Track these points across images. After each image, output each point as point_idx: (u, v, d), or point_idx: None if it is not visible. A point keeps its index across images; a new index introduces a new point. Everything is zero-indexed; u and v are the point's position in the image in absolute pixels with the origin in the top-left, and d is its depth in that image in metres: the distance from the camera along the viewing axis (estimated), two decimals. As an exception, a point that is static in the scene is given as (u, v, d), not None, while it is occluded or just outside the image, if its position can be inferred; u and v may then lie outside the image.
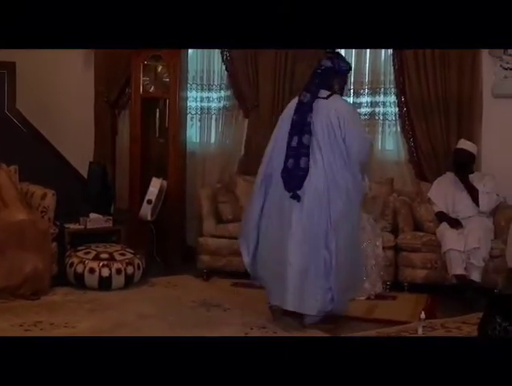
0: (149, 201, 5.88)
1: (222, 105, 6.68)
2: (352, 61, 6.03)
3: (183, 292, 5.35)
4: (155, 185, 5.91)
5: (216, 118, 6.73)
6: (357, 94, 6.29)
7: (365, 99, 6.29)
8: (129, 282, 5.38)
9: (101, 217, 5.89)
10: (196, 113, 6.76)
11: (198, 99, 6.73)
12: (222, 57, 6.48)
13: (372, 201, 5.60)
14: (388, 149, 6.32)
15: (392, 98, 6.21)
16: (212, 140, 6.79)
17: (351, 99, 6.20)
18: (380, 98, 6.27)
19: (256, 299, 4.93)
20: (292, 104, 4.53)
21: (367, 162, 4.70)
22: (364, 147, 4.51)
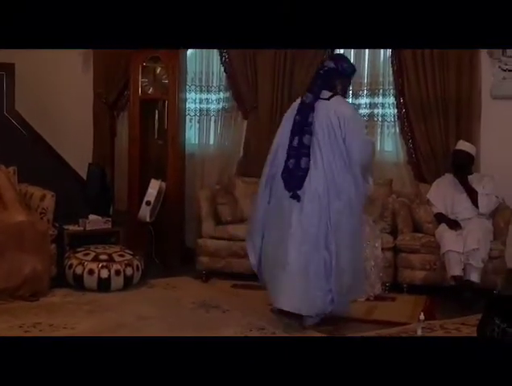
0: (148, 202, 5.87)
1: (221, 107, 6.67)
2: (351, 62, 6.03)
3: (182, 293, 5.34)
4: (154, 186, 5.91)
5: (215, 120, 6.72)
6: (356, 95, 6.28)
7: (364, 100, 6.30)
8: (128, 284, 5.37)
9: (100, 218, 5.88)
10: (195, 115, 6.75)
11: (197, 100, 6.73)
12: (221, 58, 6.47)
13: (371, 202, 5.59)
14: (387, 150, 6.33)
15: (391, 99, 6.21)
16: (211, 141, 6.78)
17: (350, 100, 6.19)
18: (379, 99, 6.28)
19: (255, 300, 4.93)
20: (296, 104, 4.53)
21: (370, 164, 4.65)
22: (365, 148, 4.49)
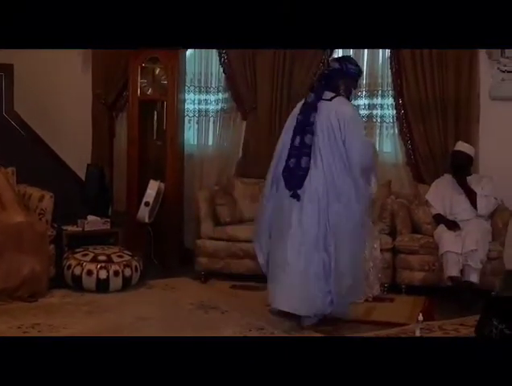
0: (146, 203, 5.87)
1: (220, 108, 6.66)
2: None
3: (180, 294, 5.34)
4: (153, 187, 5.90)
5: (213, 120, 6.71)
6: (355, 96, 6.25)
7: (363, 101, 6.30)
8: (126, 284, 5.36)
9: (99, 219, 5.87)
10: (194, 116, 6.74)
11: (196, 101, 6.72)
12: (220, 59, 6.47)
13: (370, 203, 5.59)
14: (386, 151, 6.32)
15: (390, 100, 6.22)
16: (209, 142, 6.77)
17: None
18: (377, 100, 6.29)
19: (254, 301, 4.93)
20: (300, 104, 4.53)
21: (373, 166, 4.62)
22: (365, 150, 4.47)
